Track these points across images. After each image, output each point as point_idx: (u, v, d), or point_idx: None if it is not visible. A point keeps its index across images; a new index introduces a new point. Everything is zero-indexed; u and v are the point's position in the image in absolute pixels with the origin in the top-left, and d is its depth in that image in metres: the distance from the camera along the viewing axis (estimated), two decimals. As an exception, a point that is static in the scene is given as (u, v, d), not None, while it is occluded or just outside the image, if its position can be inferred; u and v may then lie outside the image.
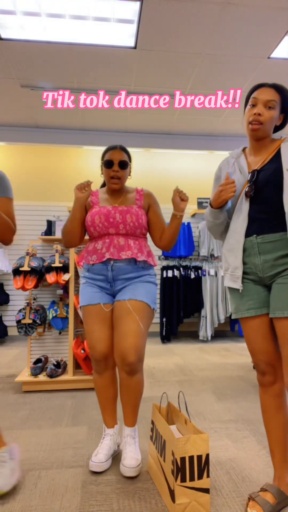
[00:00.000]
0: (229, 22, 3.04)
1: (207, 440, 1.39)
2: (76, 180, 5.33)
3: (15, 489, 1.55)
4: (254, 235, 1.39)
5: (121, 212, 1.76)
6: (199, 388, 2.89)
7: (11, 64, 3.62)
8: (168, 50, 3.42)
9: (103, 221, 1.74)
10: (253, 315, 1.42)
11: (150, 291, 1.77)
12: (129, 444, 1.71)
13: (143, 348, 1.69)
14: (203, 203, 5.31)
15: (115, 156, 1.80)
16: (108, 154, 1.83)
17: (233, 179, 1.40)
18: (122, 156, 1.81)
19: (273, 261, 1.35)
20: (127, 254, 1.72)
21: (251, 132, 1.41)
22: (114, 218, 1.74)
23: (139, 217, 1.77)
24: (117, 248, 1.73)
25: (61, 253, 3.06)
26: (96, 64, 3.65)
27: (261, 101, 1.39)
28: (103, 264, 1.75)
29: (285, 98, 1.41)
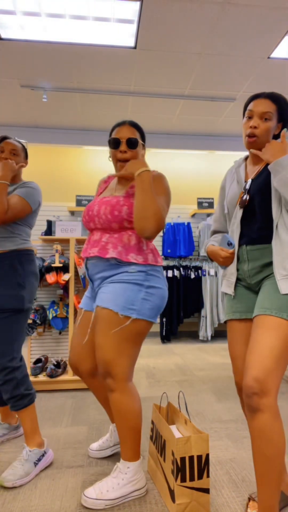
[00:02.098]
0: (229, 22, 3.04)
1: (207, 440, 1.39)
2: (76, 180, 5.33)
3: (15, 489, 1.55)
4: (244, 245, 1.40)
5: (100, 203, 1.53)
6: (199, 388, 2.89)
7: (11, 64, 3.62)
8: (168, 50, 3.42)
9: (85, 215, 1.57)
10: (237, 318, 1.43)
11: (122, 293, 1.43)
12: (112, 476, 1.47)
13: (114, 365, 1.41)
14: (203, 203, 5.31)
15: (123, 134, 1.52)
16: (115, 131, 1.56)
17: (233, 252, 1.39)
18: (131, 132, 1.53)
19: (260, 268, 1.36)
20: (93, 251, 1.49)
21: (248, 145, 1.42)
22: (92, 211, 1.54)
23: (116, 208, 1.48)
24: (90, 244, 1.53)
25: (61, 253, 3.06)
26: (96, 64, 3.65)
27: (256, 113, 1.39)
28: (83, 264, 1.62)
29: (281, 107, 1.41)
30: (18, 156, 1.92)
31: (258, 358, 1.19)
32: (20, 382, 1.68)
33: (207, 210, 5.26)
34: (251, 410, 1.19)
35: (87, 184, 5.34)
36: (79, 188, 5.33)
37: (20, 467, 1.61)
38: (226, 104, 4.44)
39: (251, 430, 1.20)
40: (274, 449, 1.17)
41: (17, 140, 1.96)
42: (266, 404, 1.16)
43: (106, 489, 1.42)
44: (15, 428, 2.03)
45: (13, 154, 1.90)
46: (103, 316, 1.44)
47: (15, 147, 1.91)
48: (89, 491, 1.43)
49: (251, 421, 1.19)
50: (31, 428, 1.70)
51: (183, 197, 5.49)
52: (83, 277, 2.90)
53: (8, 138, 1.92)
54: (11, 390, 1.66)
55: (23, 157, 1.96)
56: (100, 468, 1.72)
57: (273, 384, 1.17)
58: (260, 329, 1.25)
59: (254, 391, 1.17)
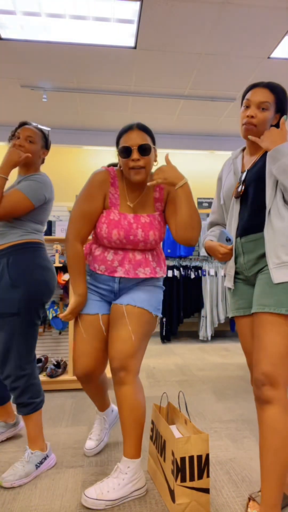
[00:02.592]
0: (229, 22, 3.04)
1: (207, 440, 1.39)
2: (76, 180, 5.33)
3: (15, 489, 1.55)
4: (238, 237, 1.41)
5: (144, 227, 1.48)
6: (199, 388, 2.89)
7: (11, 64, 3.62)
8: (168, 50, 3.42)
9: (122, 238, 1.46)
10: (241, 315, 1.44)
11: (154, 296, 1.54)
12: (112, 476, 1.46)
13: (132, 358, 1.45)
14: (203, 203, 5.31)
15: (133, 141, 1.42)
16: (123, 138, 1.46)
17: (231, 248, 1.39)
18: (141, 138, 1.43)
19: (255, 260, 1.36)
20: (146, 272, 1.50)
21: (244, 134, 1.41)
22: (135, 236, 1.47)
23: (162, 230, 1.53)
24: (133, 264, 1.49)
25: (61, 253, 3.06)
26: (96, 64, 3.65)
27: (254, 103, 1.38)
28: (111, 276, 1.53)
29: (279, 97, 1.40)
30: (35, 143, 1.73)
31: (264, 355, 1.22)
32: (24, 390, 1.63)
33: (207, 210, 5.26)
34: (261, 401, 1.23)
35: (87, 184, 5.33)
36: (79, 188, 5.33)
37: (21, 468, 1.60)
38: (226, 104, 4.44)
39: (261, 422, 1.23)
40: (281, 441, 1.19)
41: (38, 127, 1.78)
42: (276, 397, 1.20)
43: (106, 490, 1.42)
44: (13, 425, 2.01)
45: (28, 141, 1.71)
46: (138, 314, 1.48)
47: (32, 134, 1.72)
48: (90, 491, 1.42)
49: (261, 413, 1.23)
50: (34, 433, 1.69)
51: (183, 197, 5.48)
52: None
53: (28, 124, 1.75)
54: (16, 396, 1.64)
55: (41, 146, 1.77)
56: (100, 468, 1.72)
57: (281, 378, 1.21)
58: (261, 328, 1.26)
59: (263, 382, 1.22)
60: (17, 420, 2.03)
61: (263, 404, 1.22)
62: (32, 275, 1.65)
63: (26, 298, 1.63)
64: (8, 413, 1.99)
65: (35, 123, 1.79)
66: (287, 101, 1.44)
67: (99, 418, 1.92)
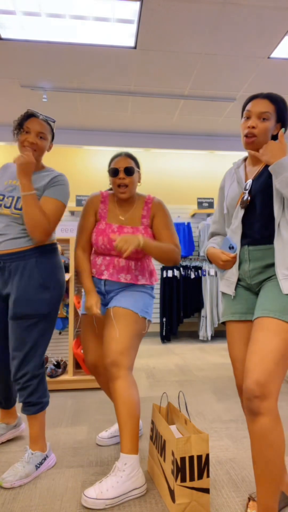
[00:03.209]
0: (229, 22, 3.04)
1: (207, 440, 1.39)
2: (76, 180, 5.33)
3: (15, 489, 1.55)
4: (245, 246, 1.40)
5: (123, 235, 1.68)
6: (199, 388, 2.89)
7: (11, 64, 3.62)
8: (168, 50, 3.42)
9: (106, 244, 1.72)
10: (237, 319, 1.42)
11: (140, 299, 1.72)
12: (111, 475, 1.47)
13: (121, 355, 1.58)
14: (203, 203, 5.31)
15: (120, 164, 1.75)
16: (113, 162, 1.79)
17: (235, 256, 1.39)
18: (127, 162, 1.75)
19: (262, 269, 1.35)
20: (126, 278, 1.73)
21: (246, 145, 1.42)
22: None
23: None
24: (116, 269, 1.73)
25: (61, 253, 3.06)
26: (96, 64, 3.65)
27: (254, 114, 1.39)
28: (98, 280, 1.78)
29: (279, 107, 1.41)
30: (46, 140, 1.68)
31: (259, 361, 1.18)
32: (35, 390, 1.65)
33: (207, 210, 5.26)
34: (252, 413, 1.18)
35: (87, 184, 5.34)
36: (79, 188, 5.33)
37: (21, 468, 1.60)
38: (226, 104, 4.44)
39: (251, 433, 1.20)
40: (274, 452, 1.16)
41: (45, 119, 1.71)
42: (267, 408, 1.16)
43: (106, 488, 1.43)
44: (13, 427, 2.01)
45: (40, 137, 1.67)
46: (124, 314, 1.66)
47: (43, 130, 1.66)
48: (89, 491, 1.43)
49: (252, 424, 1.19)
50: (37, 433, 1.69)
51: (183, 197, 5.49)
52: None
53: (36, 116, 1.68)
54: (26, 395, 1.64)
55: (49, 140, 1.73)
56: (100, 468, 1.72)
57: (274, 388, 1.17)
58: (261, 331, 1.23)
59: (255, 394, 1.16)
60: (18, 422, 2.03)
61: (254, 416, 1.17)
62: (57, 276, 1.72)
63: (54, 299, 1.70)
64: (11, 414, 1.99)
65: (41, 114, 1.72)
66: (287, 111, 1.44)
67: None
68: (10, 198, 1.66)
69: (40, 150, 1.70)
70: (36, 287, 1.64)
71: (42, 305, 1.64)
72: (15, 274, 1.65)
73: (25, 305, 1.62)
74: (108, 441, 1.94)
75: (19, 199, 1.64)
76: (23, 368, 1.63)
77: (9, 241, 1.65)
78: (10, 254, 1.65)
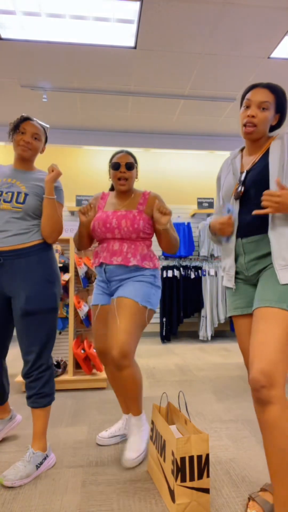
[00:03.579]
0: (229, 22, 3.04)
1: (207, 440, 1.39)
2: (76, 180, 5.33)
3: (15, 489, 1.55)
4: (239, 238, 1.41)
5: (118, 217, 1.82)
6: (199, 388, 2.89)
7: (11, 64, 3.62)
8: (168, 50, 3.42)
9: (101, 227, 1.84)
10: (239, 314, 1.44)
11: (141, 289, 1.78)
12: (133, 435, 1.80)
13: (128, 344, 1.68)
14: (203, 203, 5.31)
15: (122, 159, 1.89)
16: (115, 158, 1.92)
17: (230, 217, 1.40)
18: (128, 158, 1.90)
19: (256, 260, 1.37)
20: (117, 260, 1.81)
21: (245, 134, 1.42)
22: (110, 224, 1.82)
23: (135, 221, 1.80)
24: (110, 253, 1.82)
25: (61, 253, 3.06)
26: (96, 64, 3.65)
27: (254, 103, 1.39)
28: (99, 267, 1.88)
29: (279, 98, 1.41)
30: (40, 141, 1.80)
31: (262, 351, 1.20)
32: (48, 380, 1.72)
33: (207, 210, 5.26)
34: (261, 403, 1.19)
35: (87, 184, 5.34)
36: (79, 188, 5.33)
37: (22, 468, 1.61)
38: (226, 104, 4.44)
39: (262, 424, 1.21)
40: (287, 439, 1.17)
41: (40, 123, 1.82)
42: (276, 396, 1.17)
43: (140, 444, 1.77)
44: (9, 420, 2.01)
45: (35, 138, 1.77)
46: (126, 304, 1.74)
47: (38, 131, 1.77)
48: (129, 454, 1.71)
49: (262, 415, 1.20)
50: (41, 429, 1.72)
51: (183, 197, 5.49)
52: (83, 277, 2.90)
53: (31, 119, 1.78)
54: (40, 386, 1.68)
55: (43, 142, 1.85)
56: (100, 468, 1.72)
57: (280, 376, 1.18)
58: (261, 321, 1.24)
59: (262, 384, 1.17)
60: (12, 414, 2.04)
61: (263, 406, 1.19)
62: (57, 271, 1.82)
63: (58, 293, 1.79)
64: (5, 409, 2.00)
65: (35, 119, 1.82)
66: (286, 101, 1.44)
67: (122, 419, 2.03)
68: (9, 194, 1.70)
69: (34, 150, 1.80)
70: (43, 283, 1.71)
71: (52, 300, 1.73)
72: (18, 272, 1.68)
73: (37, 301, 1.68)
74: (108, 440, 1.94)
75: (20, 194, 1.70)
76: (39, 361, 1.69)
77: (11, 238, 1.67)
78: (12, 251, 1.67)
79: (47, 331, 1.72)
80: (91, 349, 2.82)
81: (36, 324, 1.69)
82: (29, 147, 1.76)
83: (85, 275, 2.98)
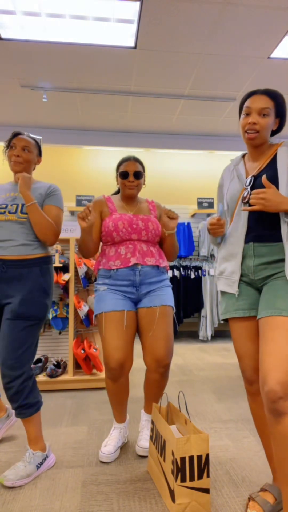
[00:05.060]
0: (229, 22, 3.04)
1: (207, 440, 1.39)
2: (76, 180, 5.33)
3: (15, 489, 1.55)
4: (250, 242, 1.39)
5: (143, 219, 1.85)
6: (199, 388, 2.89)
7: (11, 64, 3.62)
8: (168, 50, 3.42)
9: (127, 227, 1.81)
10: (241, 316, 1.41)
11: (172, 295, 1.90)
12: (147, 428, 1.90)
13: (171, 354, 1.80)
14: (203, 203, 5.31)
15: (130, 168, 1.88)
16: (123, 165, 1.91)
17: (223, 220, 1.43)
18: (136, 167, 1.89)
19: (267, 264, 1.35)
20: (152, 261, 1.82)
21: (248, 141, 1.42)
22: (137, 225, 1.82)
23: (158, 226, 1.88)
24: (141, 254, 1.81)
25: (61, 253, 3.06)
26: (96, 64, 3.65)
27: (254, 110, 1.39)
28: (129, 269, 1.78)
29: (278, 103, 1.42)
30: (31, 153, 1.83)
31: (279, 361, 1.18)
32: (31, 390, 1.66)
33: (207, 210, 5.26)
34: (277, 414, 1.17)
35: (87, 184, 5.34)
36: (79, 188, 5.33)
37: (23, 468, 1.61)
38: (226, 104, 4.44)
39: (276, 435, 1.18)
40: None
41: (31, 136, 1.87)
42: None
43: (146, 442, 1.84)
44: (6, 418, 2.01)
45: (25, 150, 1.81)
46: (167, 312, 1.80)
47: (28, 144, 1.81)
48: (145, 443, 1.81)
49: (277, 425, 1.17)
50: (36, 434, 1.70)
51: (183, 197, 5.49)
52: (83, 277, 2.90)
53: (21, 134, 1.84)
54: (22, 399, 1.62)
55: (36, 154, 1.87)
56: (100, 468, 1.72)
57: None
58: (275, 330, 1.22)
59: (279, 395, 1.15)
60: (9, 412, 2.04)
61: (279, 417, 1.16)
62: (52, 285, 1.83)
63: (49, 305, 1.78)
64: (0, 407, 2.01)
65: (26, 133, 1.88)
66: (285, 106, 1.45)
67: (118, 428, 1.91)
68: (14, 206, 1.75)
69: (26, 163, 1.83)
70: (40, 292, 1.72)
71: (43, 309, 1.72)
72: (19, 279, 1.69)
73: (30, 306, 1.67)
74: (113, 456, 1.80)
75: (24, 206, 1.75)
76: (19, 369, 1.62)
77: (16, 248, 1.70)
78: (17, 261, 1.69)
79: (30, 339, 1.67)
80: (91, 349, 2.82)
81: (20, 329, 1.64)
82: (19, 160, 1.79)
83: (85, 275, 2.98)
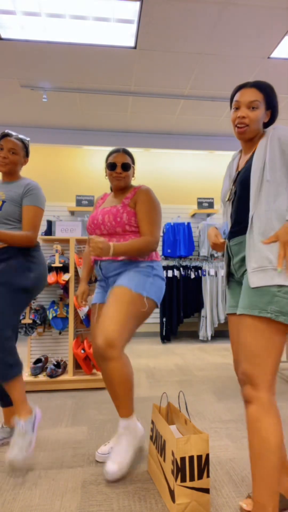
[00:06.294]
0: (229, 22, 3.04)
1: (207, 440, 1.39)
2: (76, 180, 5.33)
3: (15, 489, 1.55)
4: (228, 239, 1.44)
5: (102, 213, 1.85)
6: (199, 388, 2.89)
7: (11, 64, 3.62)
8: (168, 50, 3.42)
9: (90, 224, 1.88)
10: (230, 312, 1.48)
11: (135, 276, 1.73)
12: (118, 443, 1.64)
13: (114, 332, 1.58)
14: (203, 203, 5.31)
15: (118, 159, 1.87)
16: (111, 157, 1.90)
17: (223, 241, 1.46)
18: (124, 158, 1.88)
19: (241, 262, 1.38)
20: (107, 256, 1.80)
21: (238, 135, 1.42)
22: (97, 220, 1.85)
23: (117, 215, 1.78)
24: None
25: (61, 253, 3.06)
26: (96, 64, 3.65)
27: (243, 103, 1.38)
28: (95, 265, 1.88)
29: (268, 95, 1.40)
30: (17, 155, 1.93)
31: (243, 355, 1.27)
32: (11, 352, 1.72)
33: (207, 210, 5.26)
34: (244, 400, 1.28)
35: (87, 184, 5.34)
36: (79, 188, 5.33)
37: (22, 440, 1.66)
38: (226, 104, 4.44)
39: (246, 421, 1.27)
40: (262, 444, 1.18)
41: (18, 138, 1.95)
42: (255, 396, 1.22)
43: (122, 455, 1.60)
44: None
45: (11, 152, 1.91)
46: (118, 292, 1.69)
47: (15, 146, 1.91)
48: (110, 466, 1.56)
49: (246, 412, 1.27)
50: (20, 398, 1.75)
51: (183, 197, 5.49)
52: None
53: (9, 136, 1.91)
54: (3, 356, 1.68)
55: (22, 156, 1.97)
56: (100, 468, 1.72)
57: (259, 378, 1.22)
58: (240, 328, 1.31)
59: (244, 382, 1.27)
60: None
61: (246, 403, 1.26)
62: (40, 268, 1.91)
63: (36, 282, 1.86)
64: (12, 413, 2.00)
65: (15, 134, 1.95)
66: (275, 97, 1.43)
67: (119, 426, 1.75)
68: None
69: (12, 164, 1.92)
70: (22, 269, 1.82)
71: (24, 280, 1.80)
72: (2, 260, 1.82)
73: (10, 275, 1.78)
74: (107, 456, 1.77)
75: (4, 203, 1.86)
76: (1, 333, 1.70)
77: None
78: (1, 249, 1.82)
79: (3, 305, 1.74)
80: (91, 349, 2.82)
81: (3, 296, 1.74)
82: (5, 162, 1.89)
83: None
